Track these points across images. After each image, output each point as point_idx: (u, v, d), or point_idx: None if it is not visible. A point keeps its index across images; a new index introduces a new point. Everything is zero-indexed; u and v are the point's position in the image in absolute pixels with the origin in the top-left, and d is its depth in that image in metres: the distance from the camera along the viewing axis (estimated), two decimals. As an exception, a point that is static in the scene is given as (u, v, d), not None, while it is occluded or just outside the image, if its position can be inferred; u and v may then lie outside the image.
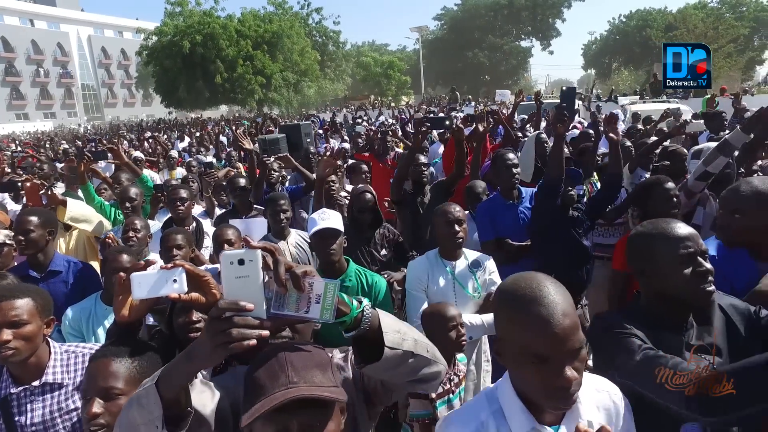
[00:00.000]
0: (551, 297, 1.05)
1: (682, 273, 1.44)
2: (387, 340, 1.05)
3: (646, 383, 1.31)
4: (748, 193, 1.93)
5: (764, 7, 40.51)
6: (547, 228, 2.89)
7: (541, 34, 47.60)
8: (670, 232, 1.49)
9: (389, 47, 56.25)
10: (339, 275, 2.60)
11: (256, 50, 32.48)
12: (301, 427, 0.96)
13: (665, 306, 1.49)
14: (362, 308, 1.05)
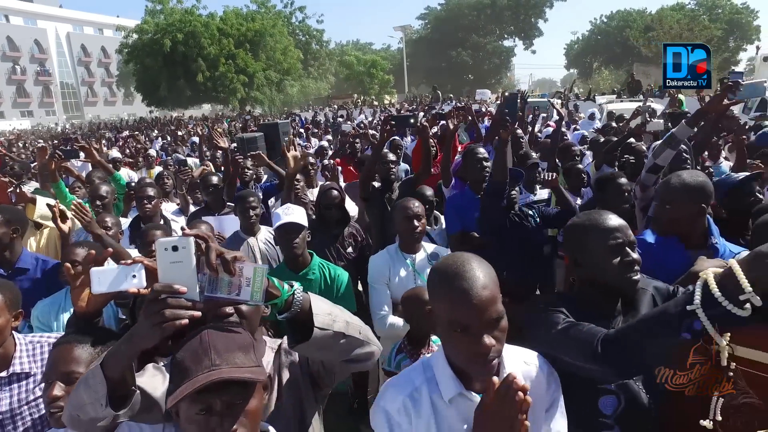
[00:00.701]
0: (473, 272, 1.16)
1: (610, 262, 1.51)
2: (317, 321, 1.14)
3: (562, 348, 1.43)
4: (677, 186, 2.07)
5: (738, 10, 41.50)
6: (496, 228, 2.99)
7: (523, 34, 48.00)
8: (601, 224, 1.57)
9: (373, 46, 56.38)
10: (302, 269, 2.68)
11: (239, 49, 32.26)
12: (224, 405, 1.03)
13: (595, 294, 1.57)
14: (293, 291, 1.13)
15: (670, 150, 2.90)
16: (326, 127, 13.94)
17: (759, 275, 1.05)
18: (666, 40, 32.73)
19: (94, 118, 46.09)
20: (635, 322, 1.30)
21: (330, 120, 16.18)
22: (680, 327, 1.15)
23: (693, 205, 2.03)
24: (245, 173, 4.54)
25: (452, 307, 1.15)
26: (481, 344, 1.12)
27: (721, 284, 1.10)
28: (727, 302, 1.08)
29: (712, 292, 1.10)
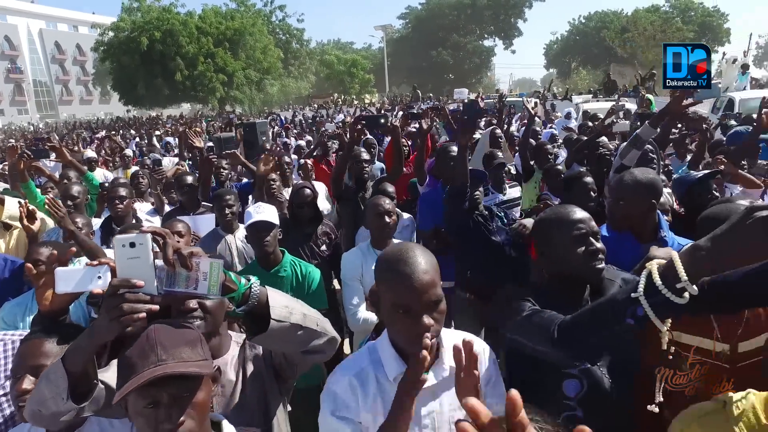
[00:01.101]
0: (415, 258, 1.26)
1: (575, 252, 1.58)
2: (273, 313, 1.19)
3: (526, 334, 1.50)
4: (629, 183, 2.16)
5: (710, 13, 42.64)
6: (460, 230, 3.03)
7: (503, 34, 48.46)
8: (566, 216, 1.65)
9: (354, 45, 56.37)
10: (274, 266, 2.72)
11: (218, 48, 31.98)
12: (170, 398, 1.06)
13: (563, 285, 1.63)
14: (250, 285, 1.18)
15: (636, 150, 3.01)
16: (306, 126, 13.92)
17: (695, 266, 1.12)
18: (640, 41, 33.49)
19: (70, 117, 45.06)
20: (587, 309, 1.37)
21: (310, 119, 16.13)
22: (625, 313, 1.22)
23: (644, 201, 2.13)
24: (221, 173, 4.55)
25: (395, 290, 1.24)
26: (422, 324, 1.21)
27: (662, 274, 1.16)
28: (666, 290, 1.14)
29: (654, 281, 1.16)
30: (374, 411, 1.33)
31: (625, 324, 1.23)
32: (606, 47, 37.60)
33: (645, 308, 1.18)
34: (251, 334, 1.22)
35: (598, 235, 1.64)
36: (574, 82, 39.30)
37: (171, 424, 1.04)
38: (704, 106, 13.14)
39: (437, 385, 1.37)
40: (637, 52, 32.73)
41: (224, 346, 1.59)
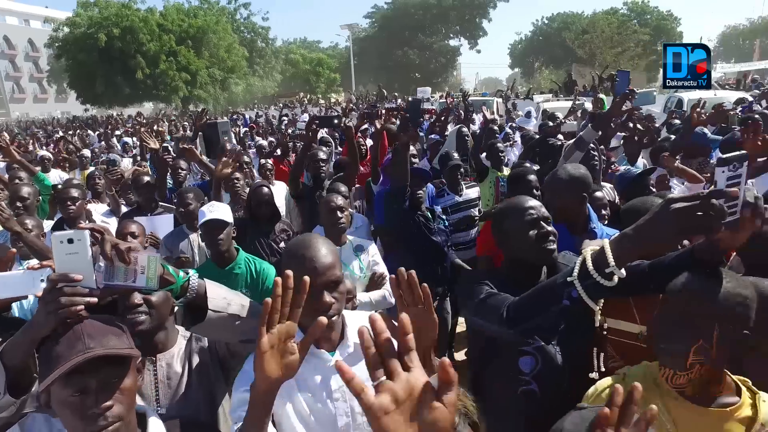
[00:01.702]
0: (315, 244, 1.42)
1: (527, 235, 1.71)
2: (211, 304, 1.26)
3: (482, 315, 1.62)
4: (563, 178, 2.32)
5: (664, 17, 44.44)
6: (399, 229, 3.11)
7: (468, 34, 49.11)
8: (518, 204, 1.80)
9: (321, 44, 56.06)
10: (228, 264, 2.77)
11: (180, 45, 31.29)
12: (99, 385, 1.08)
13: (520, 269, 1.75)
14: (188, 278, 1.24)
15: (579, 152, 3.19)
16: (271, 126, 13.79)
17: (622, 253, 1.24)
18: (598, 43, 34.63)
19: (22, 116, 43.12)
20: (532, 290, 1.48)
21: (271, 120, 16.00)
22: (562, 295, 1.34)
23: (576, 195, 2.29)
24: (178, 173, 4.53)
25: (299, 271, 1.29)
26: (322, 301, 1.34)
27: (594, 260, 1.29)
28: (596, 274, 1.27)
29: (587, 266, 1.29)
30: (286, 390, 1.41)
31: (562, 304, 1.35)
32: (567, 48, 38.68)
33: (579, 290, 1.31)
34: (190, 323, 1.29)
35: (549, 220, 1.77)
36: (538, 82, 40.22)
37: (99, 409, 1.06)
38: (657, 105, 13.76)
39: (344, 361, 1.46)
40: (596, 53, 33.86)
41: (171, 340, 1.64)
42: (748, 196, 1.21)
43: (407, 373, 0.66)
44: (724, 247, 1.31)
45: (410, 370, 0.67)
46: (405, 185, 2.97)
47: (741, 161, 1.21)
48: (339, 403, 1.45)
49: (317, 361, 1.45)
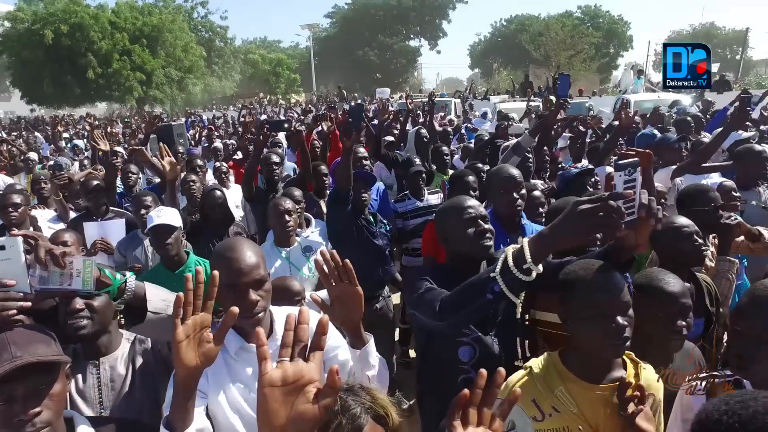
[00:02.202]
0: (240, 246, 1.52)
1: (466, 232, 1.84)
2: (150, 306, 1.32)
3: (420, 308, 1.73)
4: (495, 180, 2.49)
5: (615, 20, 46.27)
6: (342, 232, 3.19)
7: (428, 34, 49.64)
8: (457, 204, 1.93)
9: (282, 44, 55.45)
10: (179, 267, 2.80)
11: (134, 44, 30.24)
12: (27, 392, 1.11)
13: (461, 264, 1.87)
14: (125, 280, 1.30)
15: (516, 156, 3.37)
16: (234, 127, 13.58)
17: (538, 250, 1.36)
18: (552, 45, 35.75)
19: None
20: (460, 286, 1.58)
21: (229, 121, 15.77)
22: (486, 289, 1.45)
23: (508, 194, 2.46)
24: (129, 177, 4.47)
25: (226, 272, 1.43)
26: (248, 300, 1.43)
27: (514, 257, 1.40)
28: (516, 270, 1.38)
29: (508, 262, 1.40)
30: (220, 383, 1.52)
31: (486, 298, 1.45)
32: (524, 49, 39.72)
33: (501, 285, 1.41)
34: (130, 324, 1.35)
35: (487, 218, 1.91)
36: (497, 82, 41.09)
37: (27, 415, 1.08)
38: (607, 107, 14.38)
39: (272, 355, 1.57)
40: (551, 55, 34.98)
41: (114, 343, 1.68)
42: (643, 198, 1.34)
43: (305, 363, 0.76)
44: (629, 244, 1.43)
45: (308, 362, 0.76)
46: (348, 188, 3.06)
47: (635, 167, 1.36)
48: None
49: (248, 355, 1.55)
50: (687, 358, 1.34)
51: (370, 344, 1.54)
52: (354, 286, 1.41)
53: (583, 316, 1.39)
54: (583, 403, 1.41)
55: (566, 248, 1.95)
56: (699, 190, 2.77)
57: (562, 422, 1.41)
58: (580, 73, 33.68)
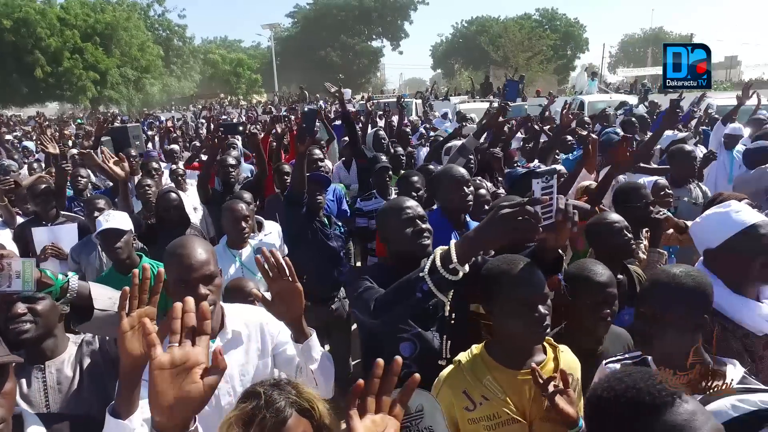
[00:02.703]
0: (191, 243, 1.61)
1: (404, 232, 1.92)
2: (97, 304, 1.36)
3: (358, 307, 1.80)
4: (444, 178, 2.62)
5: (572, 23, 47.80)
6: (297, 235, 3.25)
7: (390, 35, 49.78)
8: (395, 205, 2.01)
9: (243, 44, 54.55)
10: (131, 271, 2.78)
11: (87, 42, 29.13)
12: None
13: (402, 263, 1.91)
14: (67, 280, 1.33)
15: (462, 158, 3.50)
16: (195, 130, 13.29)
17: (464, 251, 1.45)
18: (510, 47, 36.66)
19: None
20: (393, 285, 1.66)
21: (188, 122, 15.45)
22: (416, 288, 1.53)
23: (452, 192, 2.60)
24: (78, 181, 4.37)
25: (177, 268, 1.51)
26: (197, 293, 1.49)
27: (442, 257, 1.48)
28: (443, 270, 1.46)
29: (436, 262, 1.48)
30: None
31: (416, 297, 1.53)
32: (485, 51, 40.52)
33: (429, 284, 1.49)
34: (77, 322, 1.38)
35: (425, 218, 1.99)
36: (458, 83, 41.75)
37: None
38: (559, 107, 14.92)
39: (223, 347, 1.69)
40: (510, 57, 35.86)
41: (60, 347, 1.69)
42: (560, 203, 1.44)
43: (191, 347, 0.83)
44: (550, 245, 1.55)
45: (194, 346, 0.83)
46: (303, 191, 3.12)
47: (551, 175, 1.46)
48: (222, 384, 1.58)
49: None
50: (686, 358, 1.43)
51: (313, 339, 1.60)
52: (293, 283, 1.48)
53: (507, 308, 1.50)
54: (509, 389, 1.52)
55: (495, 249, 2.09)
56: (632, 187, 2.96)
57: (492, 409, 1.51)
58: (537, 74, 34.75)
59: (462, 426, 1.54)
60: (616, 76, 40.31)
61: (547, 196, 1.40)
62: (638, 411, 0.91)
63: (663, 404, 0.90)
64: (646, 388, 0.92)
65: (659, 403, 0.90)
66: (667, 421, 0.88)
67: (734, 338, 1.63)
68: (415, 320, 1.89)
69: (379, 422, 0.76)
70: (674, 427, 0.87)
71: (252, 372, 1.75)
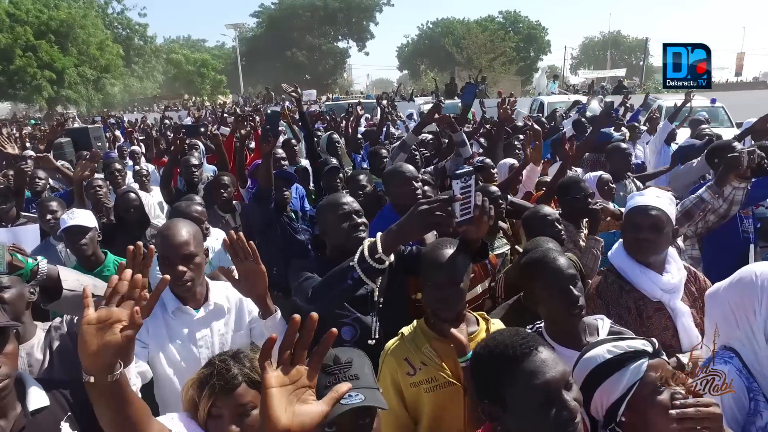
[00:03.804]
0: (176, 225, 1.82)
1: (341, 227, 2.05)
2: (65, 285, 1.49)
3: (298, 295, 1.95)
4: (393, 176, 2.80)
5: (534, 26, 49.03)
6: (266, 229, 3.37)
7: (356, 36, 49.88)
8: (333, 201, 2.16)
9: (207, 43, 53.65)
10: (96, 267, 2.88)
11: (40, 40, 28.06)
12: None
13: (340, 255, 2.01)
14: (37, 263, 1.46)
15: (403, 153, 3.68)
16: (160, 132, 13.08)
17: (388, 242, 1.64)
18: (473, 48, 37.34)
19: None
20: (327, 274, 1.82)
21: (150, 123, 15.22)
22: (347, 276, 1.71)
23: (401, 187, 2.79)
24: (36, 183, 4.37)
25: (160, 248, 1.72)
26: (176, 270, 1.72)
27: (370, 248, 1.66)
28: (370, 259, 1.64)
29: (364, 253, 1.66)
30: (160, 340, 1.81)
31: (347, 284, 1.72)
32: (450, 52, 41.13)
33: (359, 272, 1.68)
34: (47, 302, 1.50)
35: (360, 213, 2.14)
36: (425, 84, 42.17)
37: None
38: (524, 107, 15.44)
39: (206, 317, 1.93)
40: (473, 58, 36.53)
41: (28, 333, 1.80)
42: (477, 200, 1.61)
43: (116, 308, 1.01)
44: (472, 236, 1.73)
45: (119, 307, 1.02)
46: (270, 188, 3.26)
47: (470, 175, 1.60)
48: (203, 350, 1.85)
49: (185, 316, 1.86)
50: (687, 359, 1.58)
51: (277, 315, 1.79)
52: (257, 265, 1.64)
53: (426, 286, 1.74)
54: (445, 355, 1.72)
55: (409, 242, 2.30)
56: (573, 181, 3.23)
57: (429, 374, 1.71)
58: (501, 75, 35.50)
59: (405, 390, 1.72)
60: (577, 78, 41.61)
61: (464, 195, 1.56)
62: (504, 361, 1.12)
63: (522, 355, 1.11)
64: (510, 344, 1.13)
65: (519, 354, 1.11)
66: (525, 368, 1.09)
67: (629, 297, 1.96)
68: (355, 306, 2.05)
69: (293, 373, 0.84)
70: (531, 372, 1.08)
71: (230, 341, 1.97)
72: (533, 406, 1.07)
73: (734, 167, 2.61)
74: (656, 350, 1.25)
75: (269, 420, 0.80)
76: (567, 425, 1.06)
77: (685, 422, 1.13)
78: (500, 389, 1.12)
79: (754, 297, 1.43)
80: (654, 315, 1.94)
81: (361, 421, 1.15)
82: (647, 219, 1.97)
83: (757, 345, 1.43)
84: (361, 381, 1.16)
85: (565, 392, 1.08)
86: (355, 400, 1.09)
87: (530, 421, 1.08)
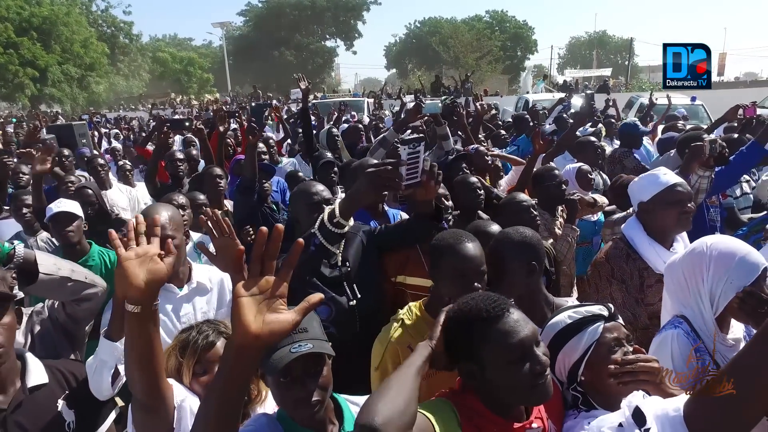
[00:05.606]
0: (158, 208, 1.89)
1: (311, 217, 2.08)
2: (42, 268, 1.55)
3: None
4: (356, 170, 2.87)
5: (521, 26, 49.36)
6: (248, 219, 3.38)
7: (344, 35, 49.71)
8: (305, 189, 2.23)
9: (194, 42, 53.18)
10: (81, 257, 2.89)
11: (22, 37, 27.63)
12: None
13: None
14: (13, 247, 1.51)
15: (383, 149, 3.75)
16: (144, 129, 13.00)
17: (344, 208, 1.77)
18: (459, 47, 37.56)
19: None
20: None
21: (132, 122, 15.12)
22: (309, 243, 1.81)
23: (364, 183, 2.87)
24: (20, 178, 4.36)
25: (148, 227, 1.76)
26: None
27: (329, 214, 1.79)
28: (329, 224, 1.76)
29: (324, 219, 1.78)
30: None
31: (310, 250, 1.82)
32: (437, 51, 41.29)
33: (320, 238, 1.79)
34: (24, 284, 1.55)
35: (330, 201, 2.20)
36: (413, 83, 42.27)
37: None
38: (511, 105, 15.63)
39: (188, 294, 2.03)
40: (460, 57, 36.74)
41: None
42: (426, 165, 1.76)
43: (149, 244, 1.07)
44: (420, 198, 1.88)
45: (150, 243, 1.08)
46: (254, 180, 3.31)
47: (418, 142, 1.73)
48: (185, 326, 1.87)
49: (169, 294, 1.96)
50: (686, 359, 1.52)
51: None
52: (233, 240, 1.72)
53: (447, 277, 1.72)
54: None
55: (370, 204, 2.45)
56: (546, 169, 3.34)
57: None
58: (487, 74, 35.77)
59: None
60: (564, 76, 42.08)
61: (411, 160, 1.71)
62: (479, 323, 1.20)
63: (495, 316, 1.19)
64: (484, 306, 1.21)
65: (492, 315, 1.19)
66: (498, 328, 1.18)
67: (634, 265, 2.14)
68: (329, 287, 2.09)
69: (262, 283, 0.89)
70: (506, 332, 1.17)
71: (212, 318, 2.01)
72: (509, 363, 1.16)
73: (697, 155, 2.73)
74: (612, 314, 1.34)
75: (239, 326, 0.85)
76: (539, 377, 1.15)
77: (623, 376, 1.22)
78: (476, 349, 1.20)
79: (704, 264, 1.55)
80: (654, 285, 2.10)
81: (312, 369, 1.22)
82: (687, 194, 2.12)
83: (703, 307, 1.55)
84: (310, 333, 1.24)
85: (536, 348, 1.17)
86: (304, 347, 1.18)
87: (506, 376, 1.17)
